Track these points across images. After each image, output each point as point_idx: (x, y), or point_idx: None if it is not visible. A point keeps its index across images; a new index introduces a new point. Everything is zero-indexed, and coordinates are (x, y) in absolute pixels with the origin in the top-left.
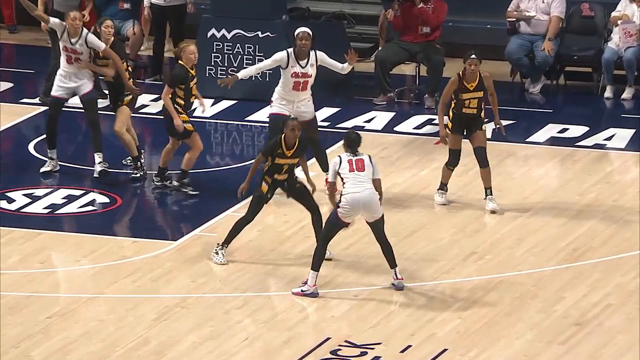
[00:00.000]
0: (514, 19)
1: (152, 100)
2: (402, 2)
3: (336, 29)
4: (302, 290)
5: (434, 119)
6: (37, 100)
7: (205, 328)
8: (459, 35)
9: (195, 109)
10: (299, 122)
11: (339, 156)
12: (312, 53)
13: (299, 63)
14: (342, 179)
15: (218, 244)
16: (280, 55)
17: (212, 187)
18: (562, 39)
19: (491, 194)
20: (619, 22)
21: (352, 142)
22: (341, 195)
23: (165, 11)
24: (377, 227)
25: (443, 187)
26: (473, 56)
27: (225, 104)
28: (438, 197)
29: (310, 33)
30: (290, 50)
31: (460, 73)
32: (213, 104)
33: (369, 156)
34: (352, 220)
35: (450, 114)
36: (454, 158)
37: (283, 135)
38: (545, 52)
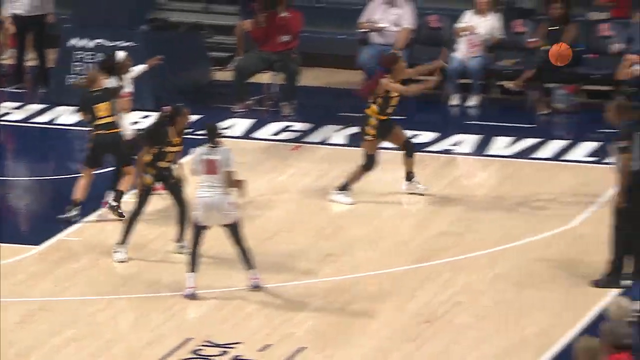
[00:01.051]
0: (366, 30)
1: (14, 109)
2: (264, 12)
3: (195, 40)
4: (186, 294)
5: (291, 126)
6: None
7: (68, 331)
8: (314, 45)
9: None
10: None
11: (199, 149)
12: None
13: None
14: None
15: (116, 244)
16: None
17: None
18: (412, 49)
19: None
20: (464, 33)
21: (210, 131)
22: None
23: (26, 21)
24: (232, 230)
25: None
26: None
27: None
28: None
29: None
30: None
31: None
32: (74, 112)
33: (225, 150)
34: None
35: (374, 120)
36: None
37: (173, 122)
38: None
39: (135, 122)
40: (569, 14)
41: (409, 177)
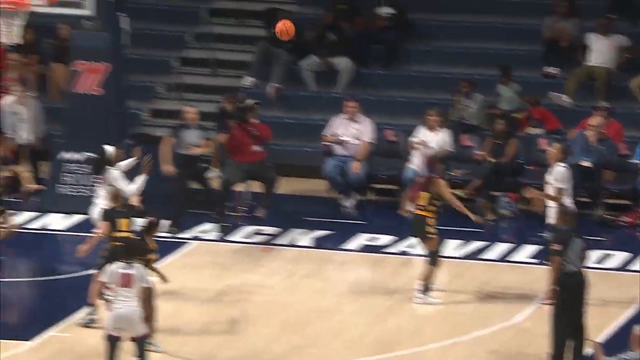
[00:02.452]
0: (330, 143)
1: None
2: (237, 124)
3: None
4: None
5: (262, 230)
6: None
7: None
8: (281, 156)
9: None
10: None
11: (115, 264)
12: None
13: None
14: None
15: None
16: None
17: (65, 294)
18: (372, 160)
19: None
20: (417, 146)
21: (127, 250)
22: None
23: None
24: (138, 344)
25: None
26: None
27: (76, 218)
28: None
29: None
30: None
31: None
32: (64, 218)
33: (140, 267)
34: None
35: (433, 220)
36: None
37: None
38: (356, 172)
39: None
40: (511, 130)
41: None
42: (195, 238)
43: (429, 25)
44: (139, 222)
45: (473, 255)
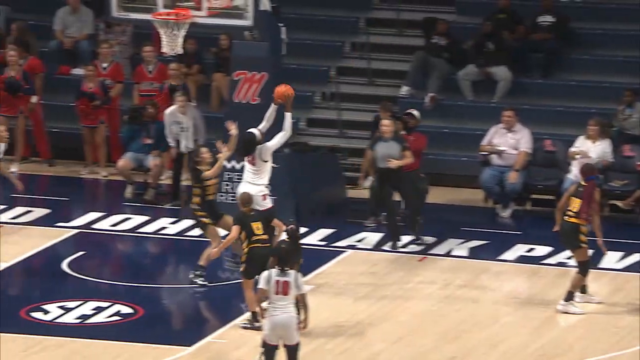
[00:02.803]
0: (487, 152)
1: (170, 223)
2: None
3: (331, 161)
4: None
5: (417, 240)
6: (70, 224)
7: None
8: (438, 166)
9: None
10: None
11: (270, 271)
12: None
13: None
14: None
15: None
16: None
17: (221, 297)
18: (529, 170)
19: (570, 299)
20: (577, 156)
21: (281, 259)
22: (264, 317)
23: (182, 157)
24: (291, 353)
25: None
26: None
27: None
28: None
29: None
30: None
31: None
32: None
33: (295, 274)
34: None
35: (585, 229)
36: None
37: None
38: (513, 182)
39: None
40: None
41: (583, 289)
42: (351, 247)
43: (590, 33)
44: (275, 225)
45: (633, 268)
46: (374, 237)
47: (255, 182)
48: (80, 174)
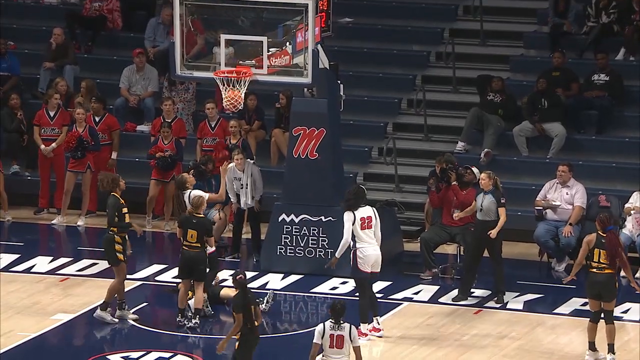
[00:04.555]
0: (542, 207)
1: (230, 276)
2: (441, 183)
3: (388, 214)
4: None
5: (474, 292)
6: (134, 276)
7: None
8: None
9: None
10: None
11: (324, 324)
12: None
13: None
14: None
15: None
16: None
17: (281, 351)
18: (583, 225)
19: (613, 352)
20: (632, 212)
21: (336, 312)
22: None
23: (243, 212)
24: None
25: (592, 345)
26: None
27: (293, 277)
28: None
29: None
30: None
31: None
32: (283, 278)
33: (350, 326)
34: None
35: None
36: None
37: None
38: (568, 236)
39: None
40: None
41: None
42: (407, 299)
43: None
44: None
45: None
46: (429, 290)
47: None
48: (144, 229)
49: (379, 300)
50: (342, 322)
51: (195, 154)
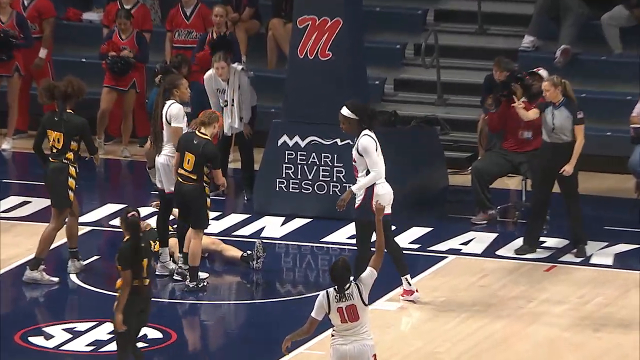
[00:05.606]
0: (639, 126)
1: (212, 219)
2: (501, 97)
3: (428, 136)
4: None
5: (545, 242)
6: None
7: None
8: None
9: None
10: None
11: (327, 293)
12: None
13: None
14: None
15: None
16: None
17: (280, 319)
18: None
19: None
20: None
21: (338, 275)
22: (330, 345)
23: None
24: None
25: None
26: None
27: (297, 222)
28: None
29: None
30: None
31: None
32: (283, 223)
33: (358, 287)
34: None
35: None
36: None
37: None
38: None
39: None
40: None
41: None
42: (453, 251)
43: None
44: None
45: None
46: (484, 239)
47: None
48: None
49: (414, 253)
50: (347, 287)
51: (163, 53)
